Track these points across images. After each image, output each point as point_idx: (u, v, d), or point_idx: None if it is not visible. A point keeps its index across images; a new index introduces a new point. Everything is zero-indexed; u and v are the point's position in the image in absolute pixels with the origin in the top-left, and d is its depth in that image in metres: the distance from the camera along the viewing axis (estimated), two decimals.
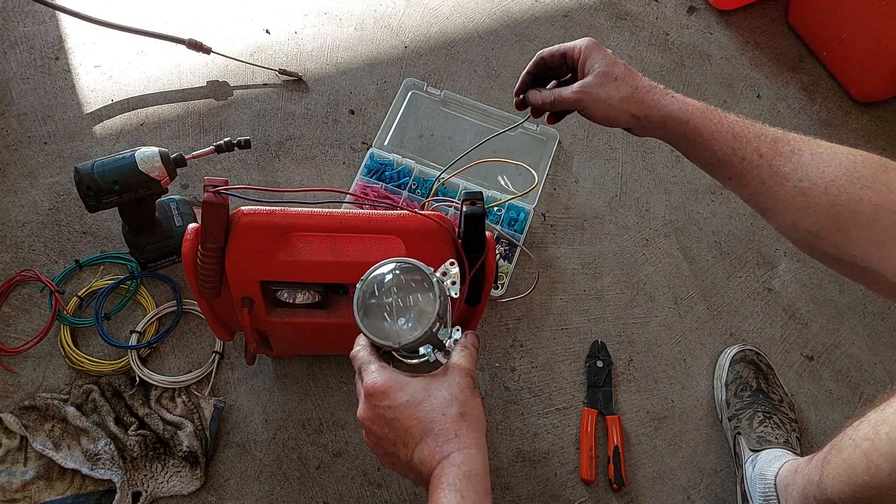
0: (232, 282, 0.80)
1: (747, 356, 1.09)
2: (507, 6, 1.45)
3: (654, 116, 0.71)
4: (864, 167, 0.60)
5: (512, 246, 1.17)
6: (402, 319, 0.62)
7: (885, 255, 0.57)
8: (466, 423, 0.57)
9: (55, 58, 1.30)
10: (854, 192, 0.59)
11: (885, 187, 0.58)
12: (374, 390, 0.59)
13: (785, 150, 0.64)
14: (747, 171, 0.65)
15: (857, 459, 0.72)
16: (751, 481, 0.97)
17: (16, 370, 1.03)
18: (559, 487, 1.03)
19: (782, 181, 0.63)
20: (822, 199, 0.60)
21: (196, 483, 0.97)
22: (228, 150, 1.01)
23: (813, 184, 0.61)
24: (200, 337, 1.08)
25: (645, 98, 0.72)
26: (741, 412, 1.04)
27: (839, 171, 0.60)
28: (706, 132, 0.68)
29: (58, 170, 1.19)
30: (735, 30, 1.46)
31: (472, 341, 0.65)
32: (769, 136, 0.65)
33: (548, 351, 1.13)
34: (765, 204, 0.66)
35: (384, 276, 0.63)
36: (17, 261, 1.11)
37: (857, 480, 0.73)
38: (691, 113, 0.69)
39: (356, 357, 0.64)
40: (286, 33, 1.37)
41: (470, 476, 0.54)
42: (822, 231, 0.61)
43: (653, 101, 0.71)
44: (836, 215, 0.60)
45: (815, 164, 0.62)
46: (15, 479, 0.94)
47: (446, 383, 0.59)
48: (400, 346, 0.61)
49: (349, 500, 1.00)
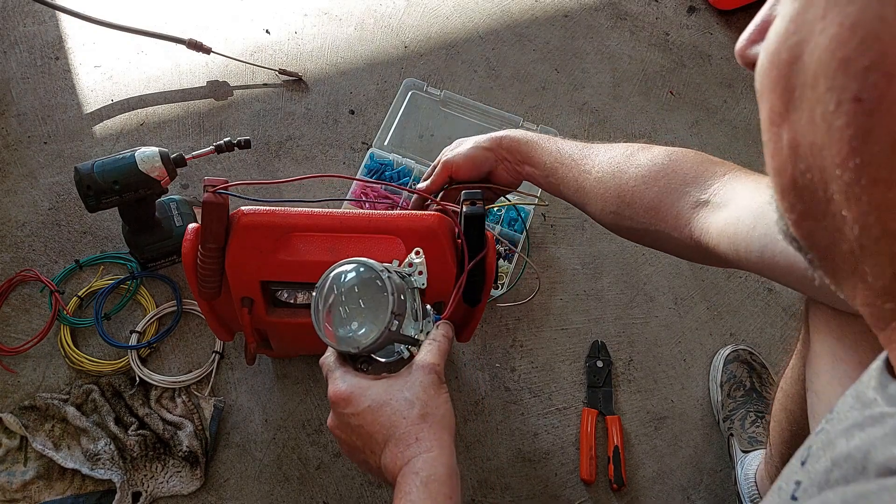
0: (232, 282, 0.79)
1: (741, 356, 1.09)
2: (507, 6, 1.45)
3: (503, 143, 0.82)
4: (635, 150, 0.71)
5: (512, 246, 1.17)
6: (356, 323, 0.59)
7: (662, 215, 0.66)
8: (428, 425, 0.56)
9: (55, 58, 1.30)
10: (631, 171, 0.69)
11: (650, 161, 0.68)
12: (337, 398, 0.58)
13: (588, 153, 0.75)
14: (567, 175, 0.76)
15: (779, 413, 0.81)
16: (741, 484, 0.98)
17: (16, 370, 1.03)
18: (559, 487, 1.03)
19: (587, 175, 0.74)
20: (612, 182, 0.71)
21: (196, 483, 0.97)
22: (228, 150, 1.01)
23: (605, 172, 0.72)
24: (200, 337, 1.08)
25: (493, 134, 0.84)
26: (734, 413, 1.04)
27: (620, 157, 0.71)
28: (539, 148, 0.80)
29: (58, 170, 1.19)
30: (735, 30, 1.46)
31: (442, 332, 0.63)
32: (580, 145, 0.77)
33: (548, 351, 1.13)
34: (582, 198, 0.75)
35: (335, 281, 0.61)
36: (17, 261, 1.11)
37: (784, 435, 0.80)
38: (529, 135, 0.82)
39: (323, 364, 0.63)
40: (286, 33, 1.37)
41: (429, 483, 0.53)
42: (619, 209, 0.70)
43: (498, 135, 0.83)
44: (622, 192, 0.69)
45: (605, 156, 0.73)
46: (15, 479, 0.94)
47: (408, 384, 0.58)
48: (360, 350, 0.58)
49: (349, 501, 1.00)
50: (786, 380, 0.78)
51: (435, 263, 0.78)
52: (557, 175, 0.78)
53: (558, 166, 0.77)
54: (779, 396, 0.80)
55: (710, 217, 0.61)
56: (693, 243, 0.63)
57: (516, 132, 0.84)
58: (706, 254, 0.62)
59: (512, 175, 0.85)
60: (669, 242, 0.67)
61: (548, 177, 0.79)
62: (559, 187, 0.78)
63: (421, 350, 0.61)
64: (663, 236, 0.67)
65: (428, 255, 0.77)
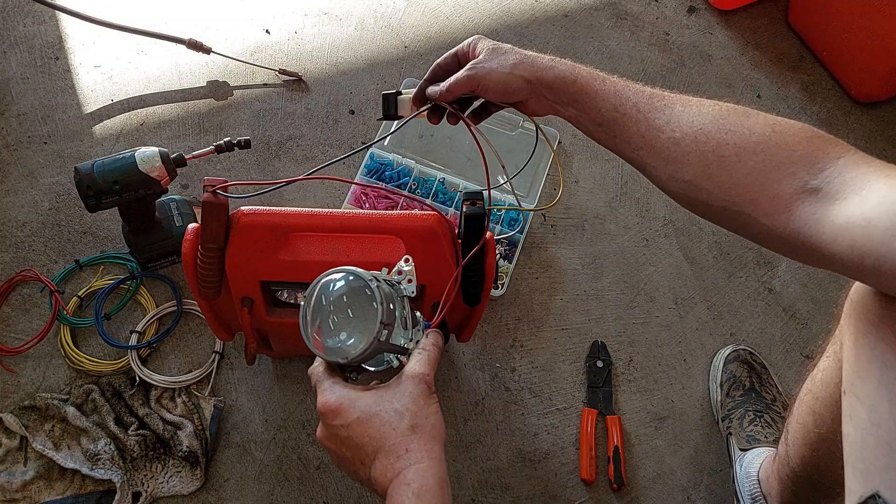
0: (232, 282, 0.80)
1: (741, 356, 1.09)
2: (507, 6, 1.45)
3: (546, 78, 0.71)
4: (728, 113, 0.62)
5: (512, 246, 1.17)
6: (344, 334, 0.58)
7: (754, 195, 0.57)
8: (418, 436, 0.55)
9: (55, 58, 1.30)
10: (720, 137, 0.60)
11: (748, 130, 0.60)
12: (326, 409, 0.58)
13: (659, 105, 0.65)
14: (628, 127, 0.66)
15: (806, 416, 0.76)
16: (740, 481, 0.98)
17: (16, 370, 1.03)
18: (559, 487, 1.03)
19: (658, 133, 0.64)
20: (692, 146, 0.61)
21: (196, 483, 0.97)
22: (228, 150, 1.01)
23: (684, 133, 0.62)
24: (200, 337, 1.08)
25: (535, 62, 0.72)
26: (732, 412, 1.04)
27: (706, 119, 0.62)
28: (592, 91, 0.69)
29: (58, 170, 1.19)
30: (735, 30, 1.46)
31: (432, 341, 0.62)
32: (646, 93, 0.67)
33: (548, 351, 1.13)
34: (645, 159, 0.66)
35: (323, 290, 0.60)
36: (17, 261, 1.11)
37: (809, 437, 0.76)
38: (578, 73, 0.70)
39: (311, 374, 0.62)
40: (286, 33, 1.37)
41: (421, 494, 0.52)
42: (696, 179, 0.62)
43: (542, 64, 0.72)
44: (705, 161, 0.61)
45: (686, 114, 0.63)
46: (15, 479, 0.94)
47: (398, 395, 0.57)
48: (348, 361, 0.58)
49: (349, 501, 1.00)
50: (815, 383, 0.74)
51: (435, 263, 0.78)
52: (615, 126, 0.68)
53: (617, 116, 0.67)
54: (806, 399, 0.76)
55: (823, 209, 0.52)
56: (788, 234, 0.55)
57: (564, 66, 0.71)
58: (806, 249, 0.54)
59: (546, 111, 0.75)
60: (754, 227, 0.59)
61: (599, 126, 0.69)
62: (614, 140, 0.69)
63: (410, 360, 0.61)
64: (748, 220, 0.59)
65: (428, 255, 0.77)
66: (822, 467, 0.76)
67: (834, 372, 0.69)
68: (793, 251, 0.57)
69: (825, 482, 0.78)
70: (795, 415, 0.79)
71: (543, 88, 0.72)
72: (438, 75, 0.79)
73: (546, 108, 0.74)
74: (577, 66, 0.72)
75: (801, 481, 0.83)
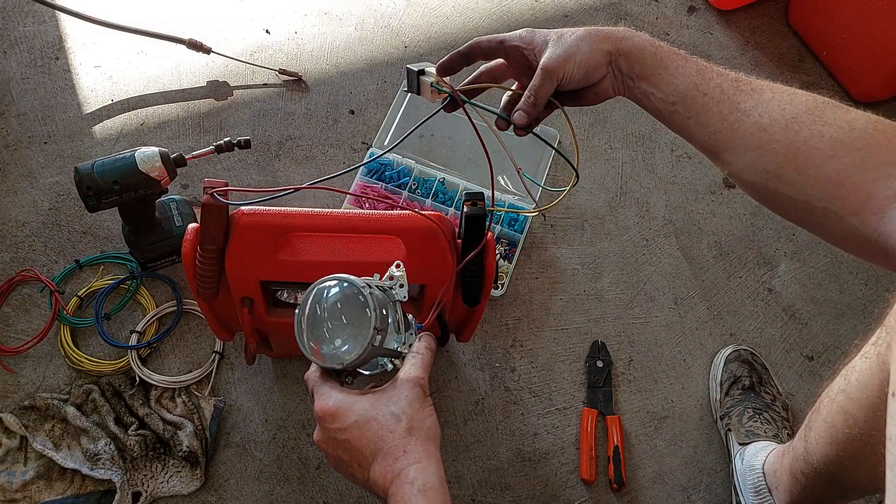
0: (232, 282, 0.80)
1: (742, 355, 1.09)
2: (507, 6, 1.45)
3: (624, 48, 0.67)
4: (826, 105, 0.59)
5: (512, 246, 1.17)
6: (339, 340, 0.60)
7: (844, 193, 0.54)
8: (415, 438, 0.57)
9: (55, 58, 1.30)
10: (815, 129, 0.57)
11: (847, 124, 0.56)
12: (323, 413, 0.59)
13: (746, 88, 0.62)
14: (708, 108, 0.62)
15: (836, 415, 0.73)
16: (740, 475, 0.97)
17: (16, 370, 1.03)
18: (559, 487, 1.03)
19: (742, 117, 0.60)
20: (781, 135, 0.58)
21: (196, 483, 0.97)
22: (228, 150, 1.01)
23: (774, 119, 0.59)
24: (200, 337, 1.08)
25: (610, 32, 0.68)
26: (731, 409, 1.04)
27: (800, 108, 0.58)
28: (672, 66, 0.65)
29: (58, 170, 1.19)
30: (735, 30, 1.46)
31: (425, 344, 0.63)
32: (731, 75, 0.64)
33: (548, 351, 1.13)
34: (724, 143, 0.62)
35: (317, 297, 0.61)
36: (17, 261, 1.11)
37: (837, 437, 0.74)
38: (658, 45, 0.67)
39: (308, 379, 0.63)
40: (286, 33, 1.37)
41: (426, 490, 0.54)
42: (780, 169, 0.58)
43: (619, 34, 0.68)
44: (795, 152, 0.57)
45: (776, 101, 0.60)
46: (15, 479, 0.94)
47: (394, 398, 0.59)
48: (344, 366, 0.59)
49: (349, 501, 1.00)
50: (849, 383, 0.71)
51: (435, 264, 0.78)
52: (693, 106, 0.63)
53: (697, 95, 0.63)
54: (838, 399, 0.73)
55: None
56: (876, 237, 0.52)
57: (642, 37, 0.67)
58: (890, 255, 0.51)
59: (617, 91, 0.69)
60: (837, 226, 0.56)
61: (674, 105, 0.65)
62: (687, 122, 0.64)
63: (405, 364, 0.62)
64: (833, 218, 0.55)
65: (428, 255, 0.77)
66: (846, 467, 0.75)
67: (874, 374, 0.66)
68: (875, 255, 0.54)
69: (845, 481, 0.78)
70: (823, 413, 0.77)
71: (621, 59, 0.67)
72: (474, 53, 0.76)
73: (618, 89, 0.69)
74: (655, 39, 0.67)
75: (818, 478, 0.81)
